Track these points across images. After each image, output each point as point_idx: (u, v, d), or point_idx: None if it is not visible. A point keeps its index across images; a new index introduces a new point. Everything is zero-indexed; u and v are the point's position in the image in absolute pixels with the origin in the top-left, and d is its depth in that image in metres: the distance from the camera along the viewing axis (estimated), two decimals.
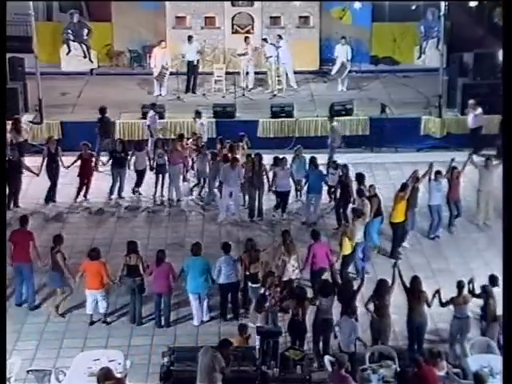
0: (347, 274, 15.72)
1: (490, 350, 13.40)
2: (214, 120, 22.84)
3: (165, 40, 25.41)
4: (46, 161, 19.63)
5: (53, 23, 27.87)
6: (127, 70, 27.18)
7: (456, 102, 23.64)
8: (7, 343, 11.86)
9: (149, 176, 20.18)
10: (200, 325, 15.04)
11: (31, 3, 22.17)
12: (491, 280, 14.07)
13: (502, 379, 11.23)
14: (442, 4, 22.91)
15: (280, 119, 23.07)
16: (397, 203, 17.19)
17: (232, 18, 26.83)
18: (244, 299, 15.36)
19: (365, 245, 16.57)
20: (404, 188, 17.24)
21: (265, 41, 25.36)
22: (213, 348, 12.30)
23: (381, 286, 13.82)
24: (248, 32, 26.51)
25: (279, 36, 25.02)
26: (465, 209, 18.86)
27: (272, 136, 22.64)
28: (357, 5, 25.72)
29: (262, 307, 14.10)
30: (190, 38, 25.08)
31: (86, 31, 26.78)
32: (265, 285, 14.42)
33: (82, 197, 19.96)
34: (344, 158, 20.11)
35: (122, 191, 20.15)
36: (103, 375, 11.33)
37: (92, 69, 26.99)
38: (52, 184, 19.80)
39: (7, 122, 20.60)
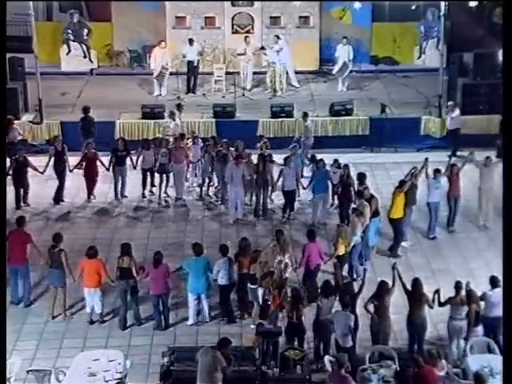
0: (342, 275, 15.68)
1: (490, 350, 13.41)
2: (214, 120, 22.87)
3: (165, 40, 25.40)
4: (53, 160, 19.66)
5: (53, 23, 27.86)
6: (127, 70, 27.17)
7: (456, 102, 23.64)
8: (7, 343, 11.85)
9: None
10: (197, 325, 15.03)
11: (31, 3, 22.17)
12: (491, 281, 14.05)
13: (502, 379, 11.24)
14: (442, 4, 22.91)
15: (280, 119, 23.09)
16: (395, 198, 17.29)
17: (232, 18, 26.82)
18: (242, 299, 15.33)
19: (363, 246, 16.58)
20: (401, 185, 17.33)
21: (263, 49, 25.34)
22: (213, 348, 12.32)
23: (381, 288, 13.82)
24: (248, 32, 26.49)
25: (277, 37, 24.94)
26: (465, 208, 18.87)
27: (272, 136, 22.65)
28: (357, 5, 25.70)
29: (267, 313, 14.06)
30: (191, 41, 25.04)
31: (86, 31, 26.77)
32: (263, 285, 14.43)
33: (89, 196, 20.01)
34: (344, 158, 20.08)
35: (125, 190, 20.17)
36: None
37: (92, 69, 26.98)
38: (60, 184, 19.82)
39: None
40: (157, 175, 20.10)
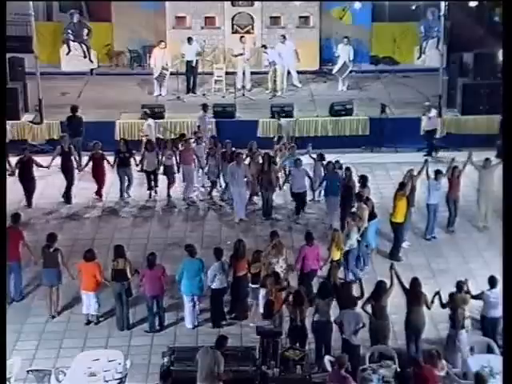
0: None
1: (490, 350, 13.41)
2: (214, 120, 22.86)
3: (165, 40, 25.40)
4: (61, 160, 19.68)
5: (53, 23, 27.84)
6: (127, 70, 27.18)
7: (456, 102, 23.63)
8: (7, 343, 11.87)
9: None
10: (194, 327, 15.01)
11: (31, 3, 22.15)
12: (490, 281, 14.03)
13: (502, 379, 11.24)
14: (442, 4, 22.92)
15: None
16: (397, 202, 17.18)
17: (232, 18, 26.82)
18: (238, 301, 15.27)
19: (361, 251, 16.54)
20: (402, 186, 17.26)
21: (264, 47, 25.35)
22: (212, 348, 12.32)
23: (379, 288, 13.80)
24: (248, 32, 26.51)
25: (283, 36, 25.02)
26: (465, 209, 18.86)
27: (272, 136, 22.63)
28: (357, 5, 25.74)
29: (271, 313, 14.06)
30: (190, 40, 25.06)
31: (86, 31, 26.75)
32: (266, 285, 14.42)
33: (96, 196, 20.01)
34: (344, 158, 20.08)
35: (130, 190, 20.17)
36: None
37: (92, 69, 26.97)
38: (68, 183, 19.83)
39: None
40: (162, 177, 20.02)
